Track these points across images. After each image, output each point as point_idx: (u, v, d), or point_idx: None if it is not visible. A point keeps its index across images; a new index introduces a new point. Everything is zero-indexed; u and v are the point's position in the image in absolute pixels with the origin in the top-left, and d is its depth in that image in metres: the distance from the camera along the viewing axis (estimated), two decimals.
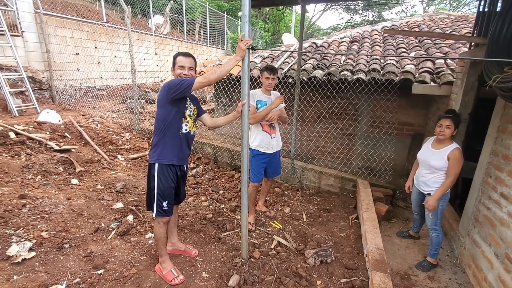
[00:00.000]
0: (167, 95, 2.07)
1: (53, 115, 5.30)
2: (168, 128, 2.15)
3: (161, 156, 2.16)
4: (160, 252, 2.33)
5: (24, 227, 2.57)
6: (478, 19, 3.04)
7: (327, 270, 2.55)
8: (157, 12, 11.98)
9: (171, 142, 2.17)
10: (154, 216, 2.22)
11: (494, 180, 2.42)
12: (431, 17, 7.22)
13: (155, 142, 2.19)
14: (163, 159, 2.16)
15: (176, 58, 2.19)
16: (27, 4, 6.59)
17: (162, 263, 2.34)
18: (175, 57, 2.20)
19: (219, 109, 6.07)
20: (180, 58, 2.18)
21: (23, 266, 2.20)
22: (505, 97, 2.01)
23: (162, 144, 2.16)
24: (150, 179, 2.21)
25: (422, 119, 4.66)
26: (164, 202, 2.19)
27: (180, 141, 2.21)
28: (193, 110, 2.31)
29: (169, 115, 2.13)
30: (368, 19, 20.82)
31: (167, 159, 2.17)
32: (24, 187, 3.23)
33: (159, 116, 2.16)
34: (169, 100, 2.09)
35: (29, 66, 6.69)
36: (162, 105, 2.14)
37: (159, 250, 2.33)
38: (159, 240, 2.29)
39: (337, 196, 4.11)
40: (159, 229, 2.26)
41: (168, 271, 2.31)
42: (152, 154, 2.19)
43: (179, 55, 2.19)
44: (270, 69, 2.94)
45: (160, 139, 2.16)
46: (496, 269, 2.20)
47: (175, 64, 2.19)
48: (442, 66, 3.98)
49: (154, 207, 2.19)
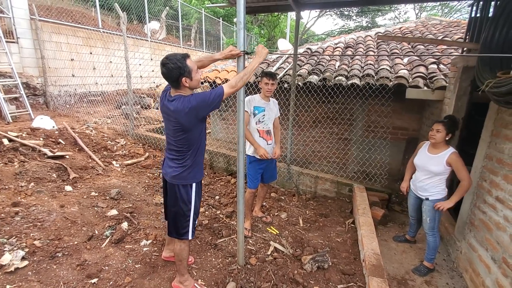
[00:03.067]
0: (198, 114, 1.83)
1: (47, 121, 5.25)
2: (200, 146, 2.02)
3: (197, 175, 2.07)
4: (183, 271, 2.21)
5: (16, 235, 2.53)
6: (470, 25, 3.10)
7: (324, 276, 2.53)
8: (153, 18, 12.01)
9: (201, 158, 2.08)
10: (190, 238, 2.11)
11: (489, 184, 2.44)
12: (423, 23, 7.34)
13: (188, 163, 1.98)
14: (199, 177, 2.09)
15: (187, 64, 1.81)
16: (23, 11, 6.57)
17: (184, 282, 2.24)
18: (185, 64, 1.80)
19: (214, 114, 6.06)
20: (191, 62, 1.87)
21: (16, 275, 2.15)
22: (498, 102, 2.03)
23: (195, 164, 2.01)
24: (185, 201, 2.04)
25: (416, 124, 4.70)
26: (196, 220, 2.13)
27: (202, 157, 2.10)
28: None
29: (201, 134, 1.97)
30: (362, 25, 21.08)
31: (201, 176, 2.11)
32: (17, 194, 3.18)
33: (191, 139, 1.92)
34: (200, 119, 1.88)
35: (23, 72, 6.64)
36: (192, 126, 1.87)
37: (182, 270, 2.20)
38: (184, 260, 2.17)
39: (334, 201, 4.10)
40: (186, 248, 2.14)
41: (192, 286, 2.24)
42: (186, 175, 1.99)
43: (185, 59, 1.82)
44: (270, 74, 2.93)
45: (194, 160, 2.00)
46: (494, 273, 2.20)
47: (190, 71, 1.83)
48: (435, 71, 4.03)
49: (190, 230, 2.08)
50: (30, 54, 6.79)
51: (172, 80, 1.83)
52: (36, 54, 6.89)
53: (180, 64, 1.78)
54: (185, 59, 1.81)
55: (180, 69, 1.78)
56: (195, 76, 1.87)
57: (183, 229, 2.09)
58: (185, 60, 1.81)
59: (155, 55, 10.50)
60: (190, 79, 1.85)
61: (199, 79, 1.92)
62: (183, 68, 1.78)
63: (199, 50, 14.16)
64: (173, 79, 1.82)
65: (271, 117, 3.09)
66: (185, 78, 1.82)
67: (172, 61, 1.78)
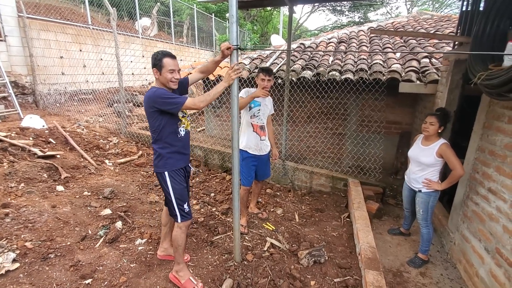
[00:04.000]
0: (153, 105, 1.98)
1: (37, 120, 5.14)
2: (166, 137, 2.09)
3: (168, 165, 2.12)
4: (179, 259, 2.25)
5: (7, 237, 2.47)
6: (462, 19, 3.11)
7: (321, 270, 2.54)
8: (144, 14, 11.82)
9: (173, 149, 2.13)
10: (179, 221, 2.18)
11: (481, 175, 2.47)
12: (415, 18, 7.37)
13: (157, 152, 2.12)
14: (170, 167, 2.13)
15: (162, 60, 1.97)
16: (10, 8, 6.38)
17: (179, 271, 2.26)
18: (161, 59, 1.97)
19: (208, 111, 6.01)
20: (168, 61, 1.98)
21: (7, 278, 2.11)
22: (490, 94, 2.05)
23: (164, 154, 2.11)
24: (164, 187, 2.17)
25: (409, 117, 4.74)
26: (184, 204, 2.17)
27: (180, 144, 2.17)
28: None
29: (160, 125, 2.05)
30: (355, 20, 21.12)
31: (174, 165, 2.15)
32: (6, 195, 3.11)
33: (152, 127, 2.07)
34: (157, 111, 2.00)
35: (11, 71, 6.47)
36: (148, 115, 2.04)
37: (178, 257, 2.25)
38: (180, 247, 2.21)
39: (329, 196, 4.12)
40: (182, 234, 2.20)
41: (187, 280, 2.24)
42: (157, 163, 2.13)
43: (165, 57, 1.98)
44: (266, 70, 2.89)
45: (161, 148, 2.11)
46: (487, 264, 2.23)
47: (161, 66, 1.98)
48: (427, 65, 4.06)
49: (177, 213, 2.16)
50: (18, 52, 6.62)
51: (151, 66, 2.04)
52: (24, 52, 6.72)
53: (156, 56, 2.00)
54: (164, 55, 2.00)
55: (155, 60, 2.00)
56: (165, 73, 2.00)
57: (171, 212, 2.21)
58: (164, 56, 2.00)
59: (146, 52, 10.34)
60: (160, 73, 2.01)
61: (167, 77, 2.01)
62: (158, 60, 1.99)
63: (192, 47, 14.00)
64: (151, 66, 2.04)
65: (266, 113, 3.08)
66: (155, 69, 2.01)
67: (158, 52, 2.03)
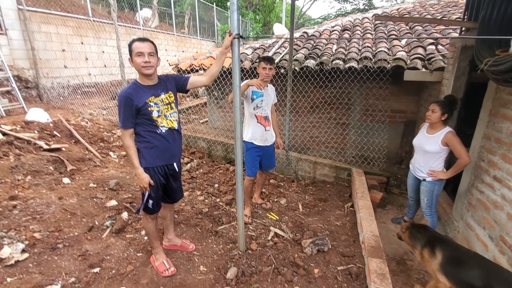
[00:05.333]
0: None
1: (41, 114, 5.17)
2: (144, 132, 2.02)
3: (143, 161, 2.04)
4: (152, 244, 2.37)
5: (15, 228, 2.53)
6: (469, 4, 3.02)
7: (324, 259, 2.56)
8: (145, 5, 11.69)
9: (150, 145, 2.04)
10: (141, 209, 2.20)
11: (486, 163, 2.44)
12: (421, 3, 7.19)
13: (136, 145, 2.06)
14: (146, 163, 2.05)
15: (131, 45, 1.91)
16: (9, 1, 6.35)
17: (156, 254, 2.38)
18: (130, 45, 1.92)
19: (211, 102, 6.00)
20: (136, 44, 1.90)
21: (17, 268, 2.17)
22: (496, 80, 2.01)
23: (141, 147, 2.05)
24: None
25: (414, 106, 4.67)
26: (150, 200, 2.14)
27: (159, 140, 2.07)
28: (165, 101, 2.07)
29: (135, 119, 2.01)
30: (359, 7, 20.66)
31: (150, 163, 2.07)
32: (14, 188, 3.16)
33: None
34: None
35: (14, 65, 6.49)
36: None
37: (151, 243, 2.38)
38: (149, 234, 2.33)
39: (332, 186, 4.12)
40: (147, 224, 2.28)
41: (160, 263, 2.33)
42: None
43: (134, 42, 1.92)
44: (267, 59, 2.85)
45: (138, 142, 2.05)
46: (491, 251, 2.23)
47: (131, 52, 1.91)
48: (433, 52, 3.97)
49: (141, 204, 2.17)
50: (19, 46, 6.62)
51: None
52: (26, 45, 6.71)
53: (129, 44, 1.94)
54: (133, 41, 1.93)
55: (128, 49, 1.95)
56: (134, 58, 1.92)
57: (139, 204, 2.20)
58: (133, 41, 1.92)
59: None
60: (131, 59, 1.95)
61: (137, 62, 1.92)
62: (129, 47, 1.94)
63: (194, 38, 13.88)
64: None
65: (269, 102, 3.05)
66: (129, 58, 1.96)
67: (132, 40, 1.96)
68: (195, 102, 8.49)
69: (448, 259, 1.91)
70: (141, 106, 1.94)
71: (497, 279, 1.66)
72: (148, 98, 1.97)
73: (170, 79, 2.16)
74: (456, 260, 1.88)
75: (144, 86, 2.00)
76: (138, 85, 1.99)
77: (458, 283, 1.82)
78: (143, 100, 1.95)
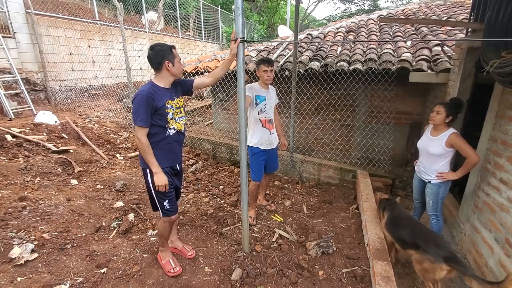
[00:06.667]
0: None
1: (50, 116, 5.26)
2: (154, 133, 2.06)
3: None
4: (162, 244, 2.40)
5: (25, 229, 2.58)
6: (475, 5, 3.00)
7: (329, 261, 2.56)
8: (150, 8, 11.82)
9: (158, 147, 2.08)
10: (161, 216, 2.24)
11: (493, 166, 2.43)
12: (427, 4, 7.14)
13: None
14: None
15: (172, 51, 2.03)
16: (17, 5, 6.48)
17: (162, 252, 2.42)
18: (171, 50, 2.02)
19: (216, 104, 6.03)
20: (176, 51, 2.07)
21: (26, 268, 2.21)
22: (503, 82, 2.00)
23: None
24: (146, 182, 2.18)
25: (420, 108, 4.65)
26: (165, 201, 2.17)
27: (168, 144, 2.13)
28: (176, 105, 2.14)
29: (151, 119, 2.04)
30: (364, 8, 20.59)
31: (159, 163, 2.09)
32: (23, 189, 3.23)
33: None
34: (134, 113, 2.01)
35: (22, 68, 6.61)
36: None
37: (162, 243, 2.40)
38: (162, 236, 2.36)
39: (337, 188, 4.12)
40: (165, 228, 2.30)
41: (166, 261, 2.37)
42: (142, 159, 2.11)
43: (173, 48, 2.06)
44: (267, 61, 2.86)
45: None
46: (497, 254, 2.22)
47: (174, 57, 2.03)
48: (439, 53, 3.95)
49: (159, 208, 2.21)
50: (28, 49, 6.75)
51: (156, 61, 2.01)
52: (34, 49, 6.84)
53: (166, 48, 2.01)
54: (171, 48, 2.04)
55: (165, 52, 2.00)
56: (177, 63, 2.07)
57: (154, 207, 2.27)
58: (171, 48, 2.04)
59: None
60: (173, 64, 2.04)
61: (180, 68, 2.10)
62: (168, 52, 2.01)
63: (198, 40, 13.97)
64: (157, 61, 2.01)
65: (272, 105, 3.05)
66: (168, 61, 2.02)
67: (160, 44, 2.02)
68: (200, 104, 8.54)
69: (390, 220, 2.52)
70: (160, 106, 2.00)
71: (420, 237, 2.17)
72: (167, 100, 2.06)
73: (177, 84, 2.21)
74: (395, 221, 2.48)
75: (162, 88, 2.07)
76: (156, 86, 2.05)
77: (395, 238, 2.40)
78: (163, 101, 2.03)
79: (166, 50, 2.00)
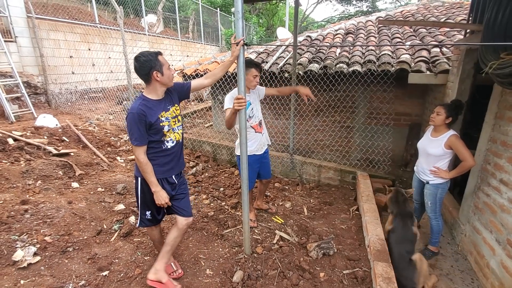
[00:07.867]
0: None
1: (50, 119, 5.28)
2: (150, 146, 1.98)
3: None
4: (158, 249, 2.40)
5: (27, 232, 2.58)
6: (473, 6, 3.02)
7: (330, 262, 2.57)
8: (150, 11, 11.88)
9: (153, 159, 2.01)
10: (137, 226, 2.29)
11: (493, 167, 2.44)
12: (425, 6, 7.18)
13: None
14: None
15: (158, 59, 1.89)
16: (19, 9, 6.53)
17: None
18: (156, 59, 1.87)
19: (215, 106, 6.05)
20: (163, 58, 1.92)
21: (29, 271, 2.22)
22: (501, 83, 2.01)
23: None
24: (135, 188, 2.13)
25: (419, 109, 4.66)
26: (148, 211, 2.14)
27: (164, 157, 2.05)
28: (172, 115, 2.04)
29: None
30: (362, 9, 20.67)
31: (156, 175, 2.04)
32: (25, 192, 3.24)
33: None
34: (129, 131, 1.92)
35: (23, 71, 6.64)
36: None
37: (156, 248, 2.44)
38: (154, 241, 2.42)
39: (337, 189, 4.12)
40: (151, 231, 2.34)
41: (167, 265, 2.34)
42: (137, 167, 2.04)
43: (159, 55, 1.91)
44: (259, 66, 2.76)
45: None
46: (498, 255, 2.22)
47: (162, 66, 1.89)
48: (437, 54, 3.97)
49: (138, 216, 2.22)
50: (29, 53, 6.78)
51: (143, 73, 1.88)
52: (35, 52, 6.88)
53: (152, 57, 1.86)
54: (157, 55, 1.89)
55: (151, 62, 1.85)
56: (166, 71, 1.92)
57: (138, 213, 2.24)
58: (157, 56, 1.89)
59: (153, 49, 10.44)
60: (161, 73, 1.90)
61: (170, 75, 1.96)
62: (154, 61, 1.85)
63: (198, 42, 14.02)
64: (144, 72, 1.87)
65: (259, 106, 2.95)
66: (156, 72, 1.88)
67: (144, 54, 1.86)
68: (200, 106, 8.56)
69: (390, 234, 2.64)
70: (153, 122, 1.90)
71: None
72: (160, 113, 1.95)
73: (172, 91, 2.11)
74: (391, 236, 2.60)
75: (154, 101, 1.95)
76: (147, 100, 1.93)
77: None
78: (156, 116, 1.92)
79: (152, 59, 1.85)
